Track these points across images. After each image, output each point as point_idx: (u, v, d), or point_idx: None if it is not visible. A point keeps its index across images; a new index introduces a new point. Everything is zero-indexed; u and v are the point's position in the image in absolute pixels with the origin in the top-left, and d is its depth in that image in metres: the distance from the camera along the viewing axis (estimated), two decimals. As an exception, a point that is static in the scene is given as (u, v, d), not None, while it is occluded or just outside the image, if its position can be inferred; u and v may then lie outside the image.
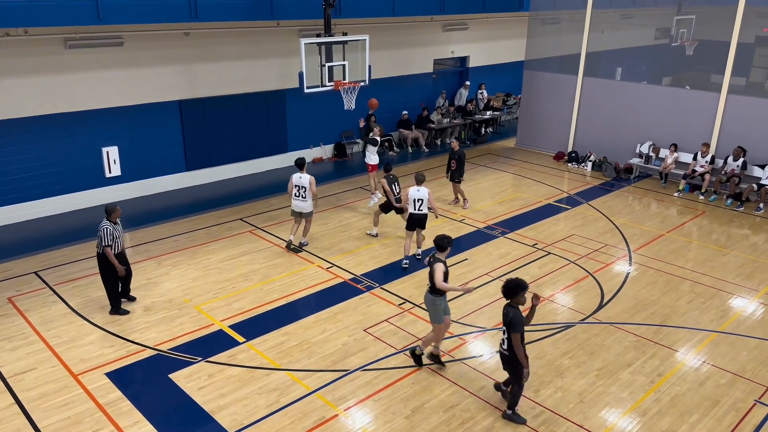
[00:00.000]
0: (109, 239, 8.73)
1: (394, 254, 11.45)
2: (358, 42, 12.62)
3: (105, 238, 8.71)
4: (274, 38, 15.50)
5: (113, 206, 8.93)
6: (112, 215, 8.84)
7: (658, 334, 8.98)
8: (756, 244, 12.28)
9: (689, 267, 11.16)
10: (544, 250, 11.75)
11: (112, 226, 8.80)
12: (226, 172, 15.71)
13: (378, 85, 17.21)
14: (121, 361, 8.17)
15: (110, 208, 8.87)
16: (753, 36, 23.15)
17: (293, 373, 7.99)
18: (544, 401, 7.50)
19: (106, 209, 8.89)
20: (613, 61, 19.76)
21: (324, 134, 17.61)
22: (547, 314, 9.48)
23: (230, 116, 15.39)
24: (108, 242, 8.73)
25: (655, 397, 7.61)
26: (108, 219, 8.81)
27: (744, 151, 14.29)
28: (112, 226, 8.78)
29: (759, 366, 8.26)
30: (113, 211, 8.86)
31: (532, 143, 19.00)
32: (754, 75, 24.22)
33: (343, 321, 9.21)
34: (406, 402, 7.46)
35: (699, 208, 14.15)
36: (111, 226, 8.78)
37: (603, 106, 17.13)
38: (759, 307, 9.83)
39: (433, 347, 8.09)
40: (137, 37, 13.20)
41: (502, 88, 22.99)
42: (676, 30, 20.77)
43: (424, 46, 19.37)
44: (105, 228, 8.72)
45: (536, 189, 15.36)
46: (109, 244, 8.74)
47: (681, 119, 15.62)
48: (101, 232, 8.71)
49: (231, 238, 12.16)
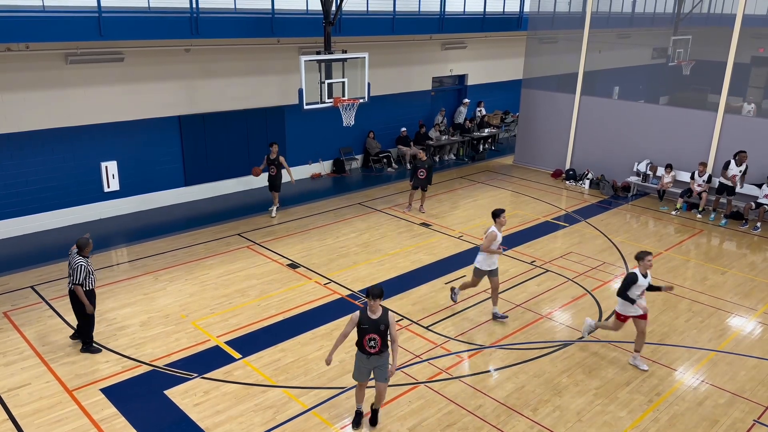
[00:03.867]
0: (81, 277, 8.10)
1: (391, 270, 11.44)
2: (357, 59, 12.73)
3: (78, 275, 8.09)
4: (275, 55, 15.61)
5: (86, 240, 8.23)
6: (85, 250, 8.19)
7: (656, 353, 8.94)
8: (754, 262, 12.29)
9: (687, 285, 11.15)
10: (542, 268, 11.74)
11: (86, 261, 8.16)
12: (225, 188, 15.73)
13: (377, 102, 17.35)
14: (116, 377, 8.11)
15: (83, 243, 8.18)
16: (749, 56, 23.40)
17: (289, 390, 7.93)
18: (542, 420, 7.45)
19: (79, 243, 8.18)
20: (611, 80, 19.93)
21: (323, 150, 17.68)
22: (545, 332, 9.44)
23: (230, 132, 15.45)
24: (80, 280, 8.10)
25: (654, 417, 7.56)
26: (81, 254, 8.17)
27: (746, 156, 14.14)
28: (86, 262, 8.15)
29: (758, 386, 8.22)
30: (86, 245, 8.19)
31: (530, 161, 19.08)
32: (750, 95, 24.43)
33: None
34: (403, 420, 7.40)
35: (697, 227, 14.17)
36: (85, 262, 8.14)
37: (600, 125, 17.23)
38: (757, 326, 9.81)
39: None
40: (138, 52, 13.29)
41: (500, 106, 23.14)
42: (673, 50, 21.00)
43: (423, 64, 19.52)
44: (80, 265, 8.08)
45: (534, 206, 15.38)
46: (81, 282, 8.11)
47: (678, 138, 15.71)
48: (75, 268, 8.07)
49: (229, 253, 12.14)
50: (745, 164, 14.13)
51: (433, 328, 9.46)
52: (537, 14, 18.95)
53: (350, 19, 15.00)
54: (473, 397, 7.85)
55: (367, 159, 18.47)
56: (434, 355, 8.73)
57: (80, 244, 8.22)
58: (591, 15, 17.21)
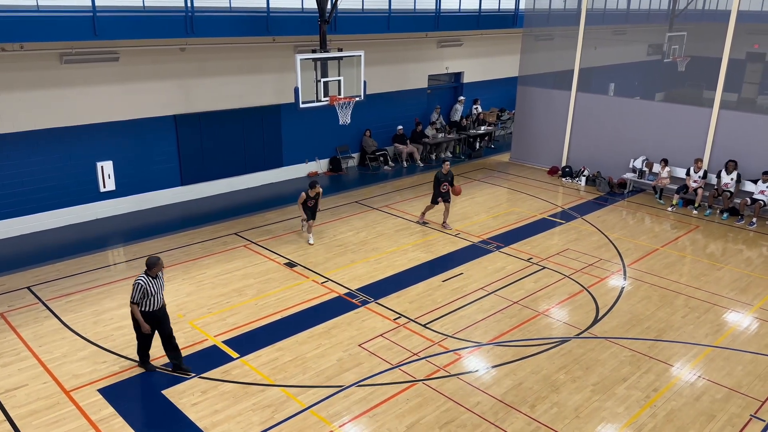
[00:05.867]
0: (138, 295, 7.72)
1: (388, 268, 11.44)
2: (353, 58, 12.70)
3: (135, 293, 7.74)
4: (270, 54, 15.59)
5: (155, 259, 7.83)
6: (153, 269, 7.77)
7: (653, 349, 8.97)
8: (750, 258, 12.33)
9: (684, 281, 11.19)
10: (539, 265, 11.76)
11: (148, 280, 7.73)
12: (221, 187, 15.70)
13: (373, 100, 17.34)
14: (113, 377, 8.10)
15: (151, 262, 7.80)
16: (744, 52, 23.46)
17: (287, 389, 7.93)
18: (540, 417, 7.47)
19: (147, 262, 7.82)
20: (607, 77, 19.98)
21: (319, 149, 17.66)
22: (542, 329, 9.46)
23: (225, 131, 15.42)
24: (136, 298, 7.74)
25: (651, 412, 7.59)
26: (147, 272, 7.77)
27: (735, 165, 14.40)
28: (146, 281, 7.71)
29: (754, 380, 8.25)
30: (154, 264, 7.78)
31: (527, 158, 19.09)
32: (745, 91, 24.50)
33: (337, 336, 9.17)
34: (402, 418, 7.41)
35: (693, 223, 14.21)
36: (146, 280, 7.71)
37: (596, 122, 17.25)
38: (754, 321, 9.85)
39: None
40: (133, 52, 13.25)
41: (496, 104, 23.15)
42: (668, 46, 21.05)
43: (419, 61, 19.51)
44: (138, 283, 7.69)
45: (531, 203, 15.40)
46: (137, 301, 7.75)
47: (674, 134, 15.74)
48: (134, 286, 7.75)
49: (225, 252, 12.13)
50: (735, 172, 14.26)
51: (430, 326, 9.47)
52: (532, 11, 18.96)
53: (346, 17, 14.98)
54: (471, 395, 7.87)
55: (364, 157, 18.46)
56: (432, 353, 8.75)
57: (148, 262, 7.81)
58: (586, 12, 17.22)
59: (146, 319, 7.88)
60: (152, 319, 7.94)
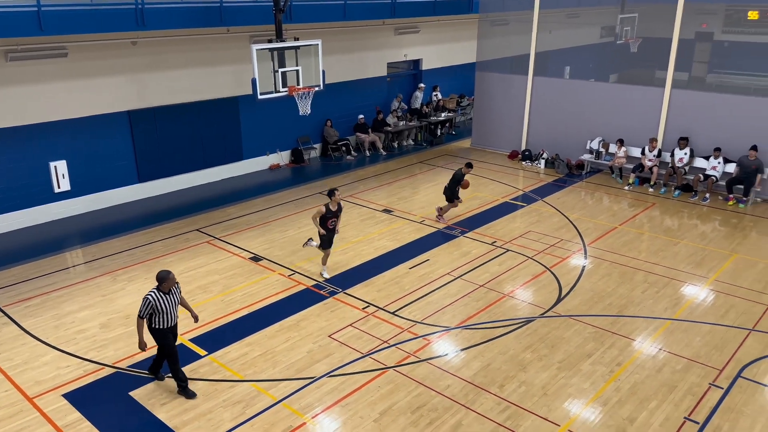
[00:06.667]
0: (146, 311, 7.30)
1: (355, 258, 11.45)
2: (310, 47, 12.57)
3: (143, 307, 7.30)
4: (225, 45, 15.31)
5: (165, 274, 7.34)
6: (163, 284, 7.31)
7: (615, 324, 9.23)
8: (704, 233, 12.75)
9: (642, 258, 11.51)
10: (503, 248, 11.93)
11: (159, 296, 7.30)
12: (181, 183, 15.42)
13: (333, 90, 17.22)
14: (78, 381, 7.92)
15: (160, 276, 7.34)
16: (693, 32, 24.10)
17: (258, 384, 7.89)
18: (509, 396, 7.62)
19: (156, 276, 7.38)
20: (562, 60, 20.28)
21: (280, 140, 17.48)
22: (508, 310, 9.63)
23: (182, 125, 15.12)
24: (143, 313, 7.31)
25: (616, 386, 7.82)
26: (158, 288, 7.34)
27: (688, 142, 14.84)
28: (156, 296, 7.28)
29: (712, 350, 8.57)
30: (164, 280, 7.31)
31: (487, 143, 19.29)
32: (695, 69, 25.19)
33: (307, 328, 9.15)
34: (374, 405, 7.46)
35: (649, 201, 14.61)
36: (155, 296, 7.28)
37: (553, 105, 17.51)
38: (710, 293, 10.21)
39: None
40: (82, 47, 12.84)
41: (455, 90, 23.28)
42: (621, 28, 21.45)
43: (378, 49, 19.45)
44: (147, 298, 7.27)
45: (493, 188, 15.59)
46: (143, 315, 7.32)
47: (629, 115, 16.10)
48: (143, 300, 7.33)
49: (188, 249, 11.94)
50: (688, 149, 14.72)
51: (399, 313, 9.53)
52: (488, -4, 19.05)
53: (301, 5, 14.81)
54: (441, 378, 7.96)
55: (326, 148, 18.36)
56: (401, 340, 8.81)
57: (158, 276, 7.37)
58: (540, -4, 17.42)
59: (160, 336, 7.42)
60: (163, 336, 7.45)
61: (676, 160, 14.94)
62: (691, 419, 7.21)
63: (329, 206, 10.21)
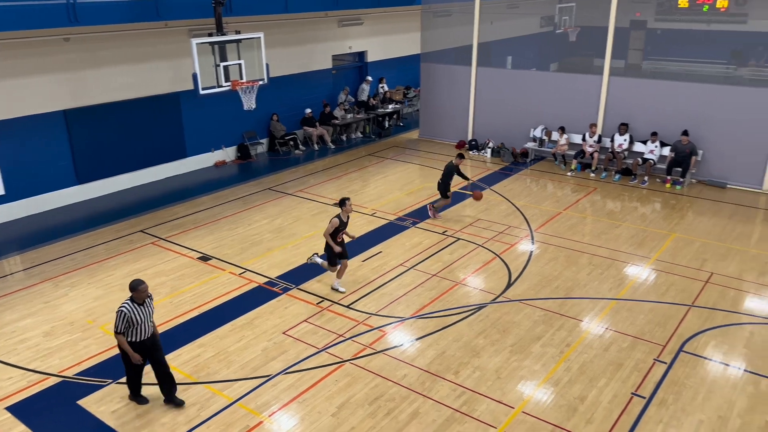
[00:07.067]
0: (122, 324, 6.89)
1: (308, 253, 11.36)
2: (253, 40, 12.36)
3: (118, 322, 6.92)
4: (164, 39, 14.87)
5: (137, 283, 6.95)
6: (137, 294, 6.93)
7: (563, 307, 9.50)
8: (644, 214, 13.26)
9: (586, 241, 11.87)
10: (454, 237, 12.09)
11: (133, 307, 6.93)
12: (122, 183, 14.93)
13: (278, 83, 17.00)
14: (22, 393, 7.59)
15: (132, 286, 6.95)
16: (628, 20, 24.87)
17: (212, 386, 7.75)
18: (464, 382, 7.74)
19: (130, 286, 7.00)
20: (504, 51, 20.58)
21: (225, 136, 17.15)
22: (460, 298, 9.77)
23: (122, 123, 14.62)
24: (120, 328, 6.91)
25: (566, 366, 8.06)
26: (132, 298, 6.96)
27: (627, 127, 15.36)
28: (130, 308, 6.91)
29: (655, 327, 8.94)
30: (135, 289, 6.92)
31: (435, 134, 19.45)
32: (631, 57, 26.03)
33: (260, 326, 9.05)
34: (331, 400, 7.45)
35: (591, 185, 15.06)
36: (129, 307, 6.91)
37: (497, 94, 17.80)
38: (651, 272, 10.63)
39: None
40: (11, 45, 12.22)
41: (401, 82, 23.35)
42: (559, 17, 21.95)
43: (322, 42, 19.29)
44: (121, 311, 6.89)
45: (442, 178, 15.73)
46: (121, 331, 6.92)
47: (569, 102, 16.54)
48: (117, 314, 6.94)
49: (133, 251, 11.59)
50: (627, 134, 15.24)
51: (354, 306, 9.54)
52: (430, -12, 19.15)
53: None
54: (398, 368, 8.02)
55: (273, 142, 18.12)
56: (357, 332, 8.82)
57: (131, 285, 7.00)
58: (481, -13, 17.63)
59: (135, 350, 7.06)
60: (141, 349, 7.10)
61: (616, 146, 15.45)
62: (638, 394, 7.51)
63: (341, 217, 9.52)
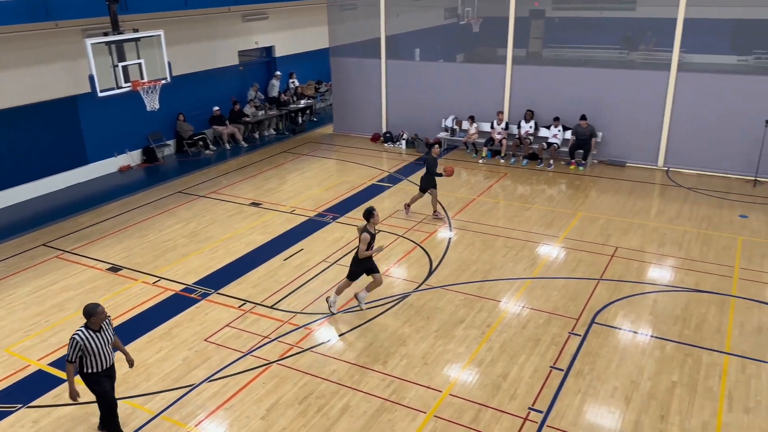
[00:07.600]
0: (75, 353, 6.28)
1: (226, 256, 11.09)
2: (152, 38, 11.83)
3: (70, 351, 6.28)
4: (56, 41, 13.96)
5: (92, 307, 6.35)
6: (92, 320, 6.33)
7: (482, 289, 9.81)
8: (552, 196, 13.89)
9: (500, 225, 12.30)
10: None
11: (87, 335, 6.31)
12: (20, 194, 13.92)
13: (182, 82, 16.40)
14: None
15: (87, 311, 6.35)
16: (527, 10, 25.81)
17: (132, 400, 7.42)
18: (393, 371, 7.84)
19: (84, 312, 6.38)
20: (412, 43, 20.87)
21: (129, 139, 16.36)
22: (384, 288, 9.84)
23: (15, 131, 13.63)
24: (72, 357, 6.28)
25: (488, 347, 8.33)
26: (87, 325, 6.36)
27: (532, 114, 16.02)
28: (84, 336, 6.29)
29: (568, 302, 9.41)
30: (91, 314, 6.32)
31: (349, 128, 19.45)
32: (532, 45, 27.08)
33: (180, 335, 8.74)
34: (260, 403, 7.33)
35: (501, 171, 15.60)
36: (83, 335, 6.29)
37: (408, 86, 18.03)
38: (561, 250, 11.16)
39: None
40: None
41: (312, 76, 23.14)
42: (462, 9, 22.45)
43: (226, 38, 18.77)
44: (73, 339, 6.27)
45: (359, 171, 15.79)
46: (73, 360, 6.30)
47: (477, 92, 17.02)
48: (70, 341, 6.30)
49: (35, 267, 10.86)
50: (533, 120, 15.89)
51: (277, 306, 9.41)
52: (333, -19, 19.07)
53: (137, -5, 13.86)
54: (326, 364, 8.00)
55: (181, 143, 17.49)
56: (283, 332, 8.71)
57: (86, 311, 6.36)
58: (384, -21, 17.75)
59: (93, 381, 6.47)
60: (96, 382, 6.47)
61: (522, 132, 16.07)
62: (556, 367, 7.88)
63: (368, 229, 8.85)
